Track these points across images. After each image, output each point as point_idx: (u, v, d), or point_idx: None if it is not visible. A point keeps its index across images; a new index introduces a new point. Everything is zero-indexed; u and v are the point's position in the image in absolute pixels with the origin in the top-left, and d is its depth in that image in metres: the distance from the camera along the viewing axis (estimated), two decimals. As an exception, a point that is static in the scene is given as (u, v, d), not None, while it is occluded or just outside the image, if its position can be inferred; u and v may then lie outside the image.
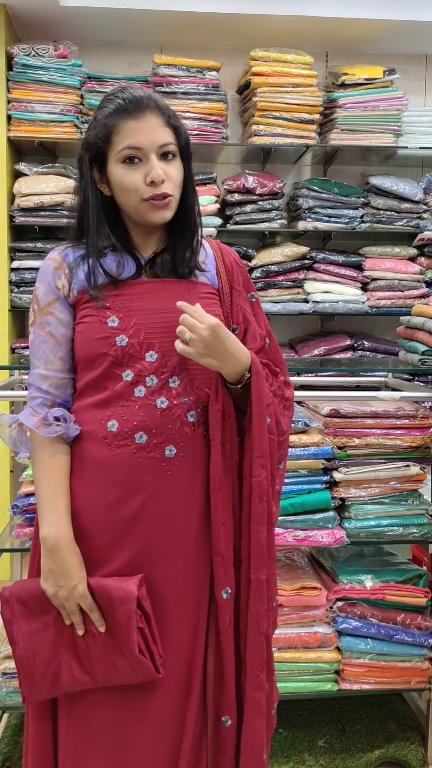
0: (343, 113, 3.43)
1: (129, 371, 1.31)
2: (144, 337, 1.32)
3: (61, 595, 1.29)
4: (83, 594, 1.29)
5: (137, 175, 1.29)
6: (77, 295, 1.34)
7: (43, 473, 1.33)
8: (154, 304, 1.34)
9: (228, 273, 1.44)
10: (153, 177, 1.28)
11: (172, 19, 3.33)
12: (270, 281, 3.46)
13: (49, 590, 1.30)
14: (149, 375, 1.32)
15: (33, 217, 3.29)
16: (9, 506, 2.11)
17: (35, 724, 1.39)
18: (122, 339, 1.31)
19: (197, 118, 3.35)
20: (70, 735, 1.35)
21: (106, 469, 1.31)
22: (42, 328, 1.35)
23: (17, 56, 3.24)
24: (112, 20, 3.34)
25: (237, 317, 1.42)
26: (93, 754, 1.33)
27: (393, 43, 3.62)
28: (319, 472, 2.13)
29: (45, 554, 1.31)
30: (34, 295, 1.38)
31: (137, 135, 1.28)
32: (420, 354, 2.32)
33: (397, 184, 3.49)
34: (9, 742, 2.21)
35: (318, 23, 3.38)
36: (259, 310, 1.48)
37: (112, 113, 1.29)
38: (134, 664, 1.27)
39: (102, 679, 1.31)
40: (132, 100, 1.28)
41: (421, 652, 2.17)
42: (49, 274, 1.36)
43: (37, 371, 1.36)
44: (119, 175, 1.30)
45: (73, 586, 1.28)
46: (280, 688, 2.15)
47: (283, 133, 3.40)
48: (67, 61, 3.29)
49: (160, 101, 1.32)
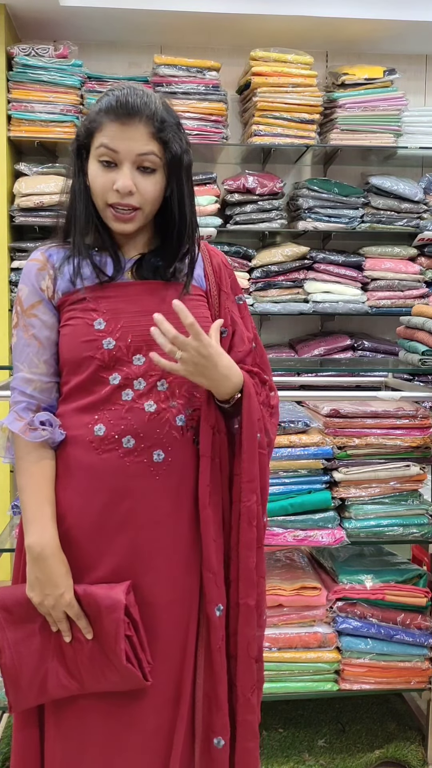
0: (343, 113, 3.42)
1: (116, 374, 1.29)
2: (131, 340, 1.29)
3: (47, 604, 1.27)
4: (70, 603, 1.27)
5: (107, 178, 1.27)
6: (62, 297, 1.32)
7: (27, 480, 1.31)
8: (142, 307, 1.31)
9: (216, 275, 1.42)
10: (119, 186, 1.25)
11: (172, 19, 3.33)
12: (270, 281, 3.46)
13: (35, 599, 1.28)
14: (137, 378, 1.29)
15: (33, 217, 3.28)
16: (9, 506, 2.11)
17: (21, 732, 1.37)
18: (109, 342, 1.28)
19: (197, 118, 3.35)
20: (58, 743, 1.33)
21: (92, 474, 1.29)
22: (26, 330, 1.32)
23: (17, 56, 3.24)
24: (112, 20, 3.34)
25: (225, 320, 1.39)
26: (81, 762, 1.32)
27: (393, 43, 3.62)
28: (319, 472, 2.13)
29: (31, 563, 1.29)
30: (17, 296, 1.35)
31: (116, 139, 1.25)
32: (420, 354, 2.33)
33: (397, 184, 3.49)
34: (9, 742, 2.21)
35: (318, 23, 3.38)
36: (246, 313, 1.46)
37: (102, 110, 1.26)
38: (122, 672, 1.26)
39: (90, 685, 1.30)
40: (123, 103, 1.24)
41: (421, 652, 2.17)
42: (33, 275, 1.33)
43: (20, 375, 1.33)
44: (93, 173, 1.29)
45: (59, 594, 1.27)
46: (280, 688, 2.16)
47: (283, 133, 3.40)
48: (67, 61, 3.29)
49: (157, 112, 1.27)
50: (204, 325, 1.29)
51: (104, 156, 1.26)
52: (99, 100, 1.29)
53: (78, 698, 1.31)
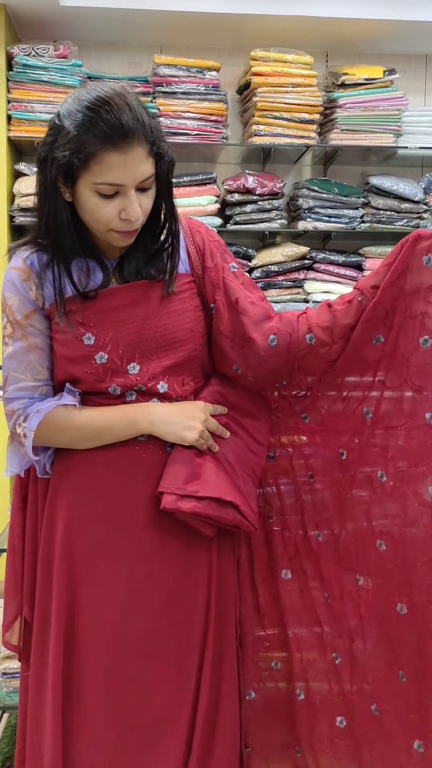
0: (343, 113, 3.42)
1: (114, 386, 1.29)
2: (123, 351, 1.28)
3: (200, 427, 1.30)
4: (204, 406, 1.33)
5: (111, 208, 1.22)
6: (49, 308, 1.30)
7: (82, 416, 1.29)
8: (129, 313, 1.29)
9: (199, 252, 1.38)
10: (130, 216, 1.22)
11: (172, 19, 3.33)
12: (270, 281, 3.46)
13: (192, 436, 1.29)
14: (136, 385, 1.30)
15: (33, 217, 3.27)
16: (9, 506, 2.11)
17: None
18: (101, 356, 1.28)
19: (197, 118, 3.34)
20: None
21: (106, 468, 1.30)
22: (24, 339, 1.29)
23: (17, 56, 3.24)
24: (112, 20, 3.34)
25: (210, 295, 1.36)
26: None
27: (393, 43, 3.62)
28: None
29: (152, 427, 1.28)
30: (5, 305, 1.31)
31: (120, 171, 1.18)
32: (420, 354, 2.32)
33: (397, 184, 3.49)
34: (9, 742, 2.21)
35: (318, 23, 3.38)
36: (245, 278, 1.42)
37: (95, 138, 1.16)
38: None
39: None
40: (118, 127, 1.16)
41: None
42: (19, 285, 1.30)
43: (21, 384, 1.30)
44: (91, 205, 1.23)
45: (196, 411, 1.31)
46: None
47: (283, 133, 3.40)
48: (67, 61, 3.29)
49: (146, 123, 1.20)
50: (195, 314, 1.32)
51: (106, 192, 1.21)
52: (78, 120, 1.17)
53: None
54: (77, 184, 1.22)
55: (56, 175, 1.21)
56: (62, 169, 1.20)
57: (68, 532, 1.31)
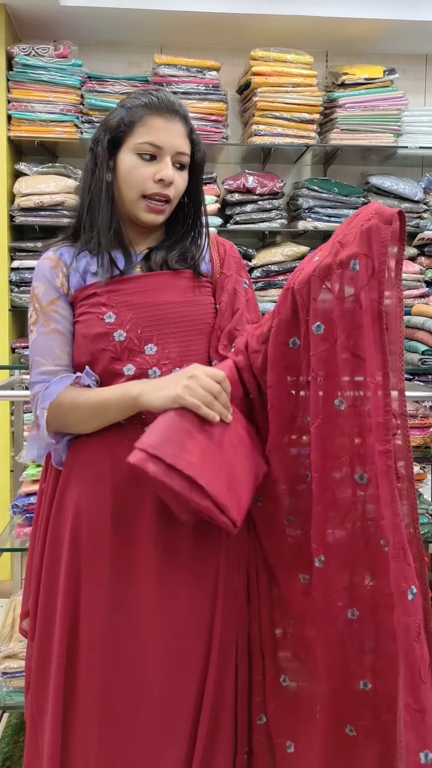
0: (343, 113, 3.43)
1: (130, 365, 1.32)
2: (141, 331, 1.32)
3: (192, 385, 1.20)
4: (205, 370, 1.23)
5: (148, 170, 1.31)
6: (74, 294, 1.35)
7: (87, 393, 1.29)
8: (150, 297, 1.34)
9: (221, 259, 1.46)
10: (164, 176, 1.30)
11: (172, 19, 3.33)
12: (270, 281, 3.46)
13: (175, 390, 1.20)
14: (151, 368, 1.32)
15: (33, 217, 3.29)
16: (9, 506, 2.12)
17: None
18: (120, 334, 1.31)
19: (197, 118, 3.35)
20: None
21: (114, 458, 1.30)
22: (46, 325, 1.34)
23: (17, 56, 3.24)
24: (112, 20, 3.34)
25: (218, 297, 1.41)
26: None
27: (393, 43, 3.63)
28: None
29: (144, 396, 1.23)
30: (33, 294, 1.37)
31: (161, 134, 1.30)
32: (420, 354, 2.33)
33: (397, 184, 3.50)
34: (9, 742, 2.21)
35: (318, 23, 3.38)
36: (251, 298, 1.47)
37: (144, 105, 1.31)
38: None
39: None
40: (166, 101, 1.32)
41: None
42: (48, 273, 1.36)
43: (43, 368, 1.34)
44: (130, 165, 1.32)
45: (188, 371, 1.22)
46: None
47: (283, 133, 3.40)
48: (67, 61, 3.29)
49: (187, 113, 1.36)
50: (211, 309, 1.39)
51: (147, 151, 1.31)
52: (132, 97, 1.33)
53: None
54: (120, 152, 1.33)
55: (106, 143, 1.33)
56: (113, 134, 1.33)
57: (76, 531, 1.32)
